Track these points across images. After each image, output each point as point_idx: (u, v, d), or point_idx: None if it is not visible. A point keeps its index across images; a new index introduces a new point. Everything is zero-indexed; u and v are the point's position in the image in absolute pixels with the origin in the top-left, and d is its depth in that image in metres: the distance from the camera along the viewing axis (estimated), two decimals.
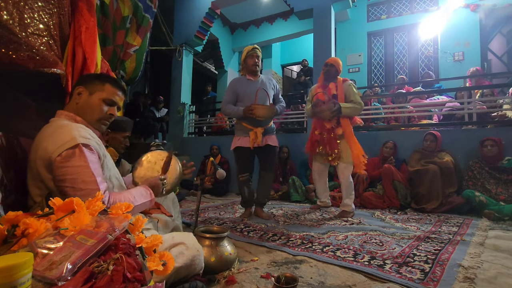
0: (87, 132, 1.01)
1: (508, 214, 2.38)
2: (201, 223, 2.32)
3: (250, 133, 2.39)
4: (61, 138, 0.93)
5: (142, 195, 1.07)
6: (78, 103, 1.07)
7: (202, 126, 5.99)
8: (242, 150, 2.44)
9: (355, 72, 5.97)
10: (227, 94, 2.49)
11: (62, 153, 0.91)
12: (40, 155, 0.94)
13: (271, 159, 2.53)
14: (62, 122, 1.02)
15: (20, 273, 0.50)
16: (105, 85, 1.10)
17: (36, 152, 0.95)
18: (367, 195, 3.09)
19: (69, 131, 0.95)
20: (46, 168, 0.93)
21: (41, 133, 1.00)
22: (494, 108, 3.41)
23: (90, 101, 1.08)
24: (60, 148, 0.92)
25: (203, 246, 1.19)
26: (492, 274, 1.25)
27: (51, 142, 0.93)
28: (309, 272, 1.31)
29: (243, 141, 2.43)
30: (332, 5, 4.39)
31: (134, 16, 2.48)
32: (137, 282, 0.63)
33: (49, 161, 0.92)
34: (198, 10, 5.63)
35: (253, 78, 2.50)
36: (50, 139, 0.94)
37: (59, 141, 0.93)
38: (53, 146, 0.92)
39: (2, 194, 0.96)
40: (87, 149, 0.95)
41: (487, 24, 4.96)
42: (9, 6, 1.10)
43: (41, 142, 0.95)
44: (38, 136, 0.99)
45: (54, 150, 0.91)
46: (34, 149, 0.97)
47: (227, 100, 2.46)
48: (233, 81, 2.53)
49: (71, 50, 1.41)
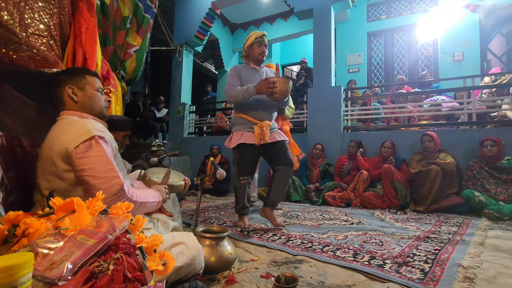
0: (100, 126, 1.06)
1: (508, 214, 2.38)
2: (201, 223, 2.32)
3: (255, 127, 2.06)
4: (77, 131, 0.98)
5: (153, 196, 1.16)
6: (78, 102, 1.10)
7: (202, 126, 5.99)
8: (246, 147, 2.07)
9: (355, 72, 5.97)
10: (232, 79, 2.13)
11: (79, 145, 0.95)
12: (56, 149, 0.97)
13: (286, 152, 2.16)
14: (72, 118, 1.07)
15: (20, 273, 0.51)
16: (86, 77, 1.13)
17: (51, 146, 0.99)
18: (367, 195, 3.10)
19: (84, 125, 1.00)
20: (63, 160, 0.97)
21: (54, 130, 1.04)
22: (494, 108, 3.42)
23: (88, 95, 1.12)
24: (76, 140, 0.96)
25: (203, 246, 1.19)
26: (491, 274, 1.26)
27: (67, 135, 0.98)
28: (309, 272, 1.31)
29: (247, 136, 2.06)
30: (332, 5, 4.40)
31: (135, 17, 2.48)
32: (137, 281, 0.63)
33: (66, 153, 0.96)
34: (198, 10, 5.64)
35: (257, 67, 2.23)
36: (65, 133, 0.99)
37: (75, 133, 0.97)
38: (69, 139, 0.96)
39: (2, 194, 0.97)
40: (102, 141, 1.01)
41: (487, 24, 4.97)
42: (9, 7, 1.10)
43: (57, 137, 0.99)
44: (52, 132, 1.03)
45: (70, 142, 0.96)
46: (49, 144, 1.00)
47: (234, 84, 2.10)
48: (236, 67, 2.20)
49: (72, 50, 1.41)
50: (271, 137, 2.08)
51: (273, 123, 2.20)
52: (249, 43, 2.19)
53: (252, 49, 2.18)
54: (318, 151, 3.74)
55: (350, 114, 4.16)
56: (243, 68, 2.20)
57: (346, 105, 4.18)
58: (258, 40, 2.15)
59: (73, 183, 0.99)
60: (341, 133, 3.97)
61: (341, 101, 4.04)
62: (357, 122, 4.37)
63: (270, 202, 2.16)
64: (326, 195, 3.31)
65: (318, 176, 3.64)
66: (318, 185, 3.52)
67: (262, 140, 2.02)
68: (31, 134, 1.24)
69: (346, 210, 2.92)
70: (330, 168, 3.69)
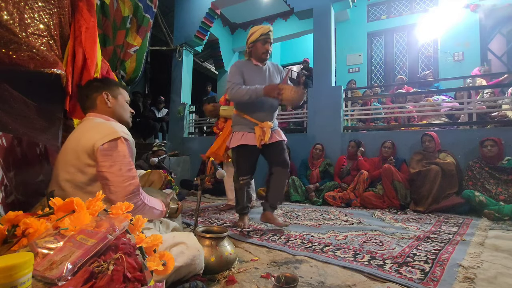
0: (126, 129, 1.15)
1: (508, 214, 2.38)
2: (201, 223, 2.32)
3: (256, 128, 2.01)
4: (105, 130, 1.06)
5: (159, 205, 1.21)
6: (110, 107, 1.21)
7: (202, 126, 5.99)
8: (246, 149, 2.04)
9: (355, 72, 5.97)
10: (234, 76, 2.02)
11: (106, 143, 1.03)
12: (84, 143, 1.04)
13: (283, 153, 2.13)
14: (99, 120, 1.16)
15: (20, 273, 0.51)
16: (119, 89, 1.27)
17: (78, 141, 1.06)
18: (367, 195, 3.09)
19: (112, 126, 1.09)
20: (88, 155, 1.03)
21: (82, 127, 1.13)
22: (494, 108, 3.41)
23: (119, 103, 1.24)
24: (104, 138, 1.03)
25: (203, 246, 1.19)
26: (492, 274, 1.25)
27: (95, 133, 1.05)
28: (309, 272, 1.31)
29: (248, 138, 2.03)
30: (332, 5, 4.39)
31: (134, 16, 2.48)
32: (137, 281, 0.63)
33: (92, 149, 1.02)
34: (198, 10, 5.63)
35: (260, 64, 2.12)
36: (94, 130, 1.06)
37: (103, 132, 1.05)
38: (97, 136, 1.03)
39: (2, 194, 0.97)
40: (127, 143, 1.09)
41: (487, 24, 4.96)
42: (9, 6, 1.10)
43: (85, 133, 1.07)
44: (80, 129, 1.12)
45: (98, 139, 1.02)
46: (76, 138, 1.08)
47: (236, 82, 1.99)
48: (238, 64, 2.09)
49: (71, 50, 1.41)
50: (271, 137, 2.03)
51: (274, 122, 2.15)
52: (252, 39, 2.05)
53: (255, 46, 2.06)
54: (318, 151, 3.74)
55: (350, 114, 4.16)
56: (245, 64, 2.09)
57: (346, 105, 4.17)
58: (263, 38, 2.02)
59: (92, 178, 1.05)
60: (341, 133, 3.97)
61: (341, 101, 4.04)
62: (357, 122, 4.37)
63: (269, 205, 2.11)
64: (326, 195, 3.31)
65: (318, 176, 3.64)
66: (318, 185, 3.52)
67: (263, 141, 1.98)
68: (31, 134, 1.24)
69: (346, 210, 2.92)
70: (330, 168, 3.69)
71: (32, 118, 1.26)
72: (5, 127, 1.09)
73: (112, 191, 1.02)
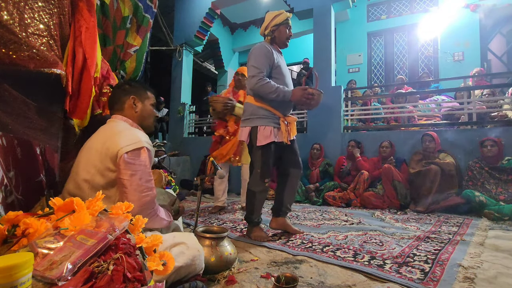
0: (148, 139, 1.16)
1: (508, 214, 2.38)
2: (201, 223, 2.32)
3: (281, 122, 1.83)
4: (131, 138, 1.07)
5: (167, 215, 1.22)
6: (137, 112, 1.22)
7: (202, 126, 5.99)
8: (274, 146, 1.81)
9: (355, 72, 5.97)
10: (262, 63, 1.76)
11: (130, 151, 1.04)
12: (108, 146, 1.05)
13: (298, 153, 1.99)
14: (124, 124, 1.17)
15: (20, 273, 0.50)
16: (147, 93, 1.27)
17: (104, 142, 1.07)
18: (367, 195, 3.09)
19: (138, 135, 1.10)
20: (111, 160, 1.04)
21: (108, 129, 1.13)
22: (494, 108, 3.41)
23: (146, 108, 1.25)
24: (129, 146, 1.04)
25: (203, 246, 1.19)
26: (492, 274, 1.25)
27: (121, 139, 1.06)
28: (309, 272, 1.31)
29: (277, 134, 1.81)
30: (332, 5, 4.39)
31: (134, 16, 2.48)
32: (137, 282, 0.63)
33: (116, 154, 1.03)
34: (198, 10, 5.64)
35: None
36: (120, 136, 1.07)
37: (129, 140, 1.06)
38: (123, 143, 1.04)
39: (2, 194, 0.97)
40: (148, 154, 1.10)
41: (487, 24, 4.96)
42: (9, 6, 1.10)
43: (112, 137, 1.07)
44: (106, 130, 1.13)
45: (124, 146, 1.03)
46: (102, 139, 1.09)
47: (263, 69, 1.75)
48: (267, 47, 1.82)
49: (71, 50, 1.41)
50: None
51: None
52: (277, 22, 1.86)
53: (279, 30, 1.88)
54: (316, 151, 3.74)
55: (350, 114, 4.16)
56: (273, 50, 1.85)
57: (346, 105, 4.17)
58: (286, 22, 1.88)
59: (110, 182, 1.06)
60: (341, 133, 3.97)
61: (341, 101, 4.04)
62: (357, 122, 4.37)
63: (284, 210, 1.96)
64: (326, 195, 3.31)
65: (318, 176, 3.64)
66: (318, 185, 3.52)
67: (289, 137, 1.83)
68: (31, 134, 1.24)
69: (346, 210, 2.92)
70: (330, 168, 3.69)
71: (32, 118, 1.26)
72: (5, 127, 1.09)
73: (129, 199, 1.02)
